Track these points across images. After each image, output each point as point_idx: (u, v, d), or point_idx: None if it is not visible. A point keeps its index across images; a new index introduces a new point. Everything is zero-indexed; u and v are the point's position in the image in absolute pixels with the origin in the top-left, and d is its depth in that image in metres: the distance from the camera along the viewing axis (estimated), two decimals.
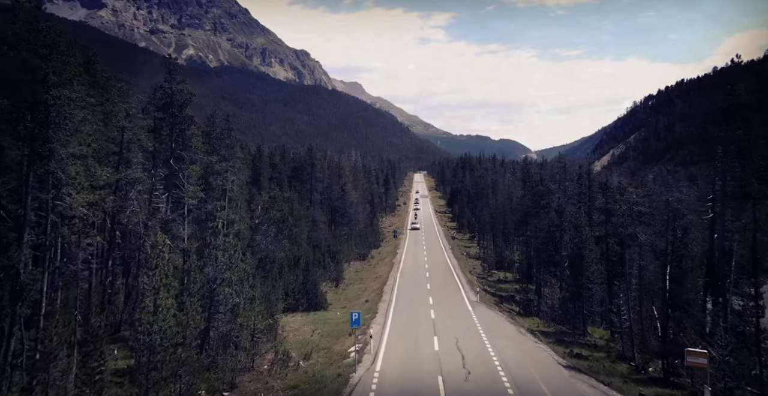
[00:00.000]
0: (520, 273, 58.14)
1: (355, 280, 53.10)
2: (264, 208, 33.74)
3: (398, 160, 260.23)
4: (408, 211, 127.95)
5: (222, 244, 25.30)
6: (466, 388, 19.40)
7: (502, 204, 73.27)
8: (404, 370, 22.11)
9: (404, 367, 22.42)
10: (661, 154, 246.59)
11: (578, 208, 45.64)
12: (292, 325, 33.96)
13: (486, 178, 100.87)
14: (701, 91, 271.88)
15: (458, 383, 19.89)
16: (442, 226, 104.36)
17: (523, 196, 61.37)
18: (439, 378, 20.37)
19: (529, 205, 53.45)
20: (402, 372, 21.81)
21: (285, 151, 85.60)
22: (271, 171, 72.51)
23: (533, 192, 51.21)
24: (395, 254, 65.99)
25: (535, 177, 52.62)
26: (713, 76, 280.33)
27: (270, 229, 32.04)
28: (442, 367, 22.02)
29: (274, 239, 31.59)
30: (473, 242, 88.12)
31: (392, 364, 22.87)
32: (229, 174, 33.15)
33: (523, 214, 55.21)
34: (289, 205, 57.40)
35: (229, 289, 24.71)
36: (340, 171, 78.74)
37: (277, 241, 32.04)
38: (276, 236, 31.64)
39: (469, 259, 69.25)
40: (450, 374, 20.89)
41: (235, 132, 35.50)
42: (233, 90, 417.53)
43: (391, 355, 24.60)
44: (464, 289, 43.72)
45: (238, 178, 35.98)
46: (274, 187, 67.69)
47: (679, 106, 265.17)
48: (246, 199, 46.20)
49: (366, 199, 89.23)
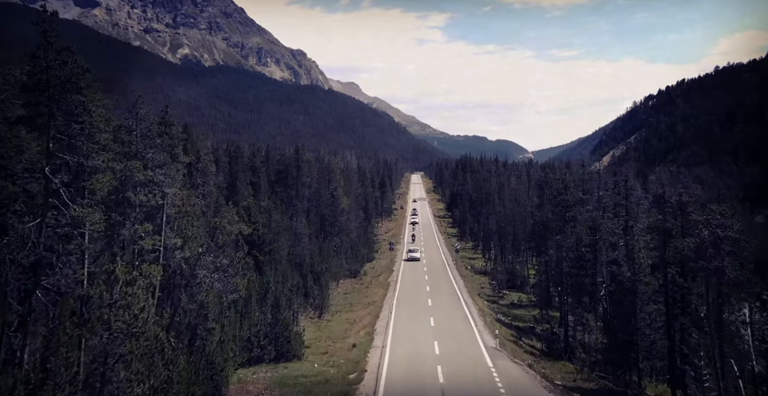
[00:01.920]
0: (537, 295, 49.02)
1: (343, 307, 43.78)
2: (211, 232, 24.44)
3: (395, 161, 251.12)
4: (405, 216, 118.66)
5: (122, 298, 16.12)
6: None
7: (511, 213, 64.08)
8: None
9: None
10: (663, 154, 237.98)
11: (618, 225, 36.51)
12: (251, 389, 24.74)
13: (490, 182, 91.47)
14: (703, 90, 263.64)
15: None
16: (442, 233, 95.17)
17: (540, 204, 52.20)
18: None
19: (550, 217, 44.31)
20: None
21: (270, 152, 75.85)
22: (251, 175, 63.08)
23: (556, 202, 42.01)
24: (391, 271, 56.74)
25: (557, 183, 43.36)
26: (714, 75, 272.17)
27: (219, 262, 22.92)
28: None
29: (223, 275, 22.51)
30: (477, 252, 79.00)
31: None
32: (164, 186, 23.89)
33: (542, 227, 45.97)
34: (267, 216, 48.14)
35: (127, 372, 15.53)
36: (330, 175, 69.36)
37: (226, 278, 22.79)
38: (226, 271, 22.53)
39: (475, 275, 60.09)
40: None
41: (176, 128, 26.26)
42: (228, 90, 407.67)
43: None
44: (477, 327, 34.45)
45: (180, 189, 26.69)
46: (253, 194, 58.32)
47: (680, 106, 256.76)
48: (204, 212, 36.97)
49: (359, 205, 79.83)
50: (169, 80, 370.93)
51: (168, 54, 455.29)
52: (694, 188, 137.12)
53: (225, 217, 40.06)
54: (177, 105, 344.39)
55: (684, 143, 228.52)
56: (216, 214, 40.02)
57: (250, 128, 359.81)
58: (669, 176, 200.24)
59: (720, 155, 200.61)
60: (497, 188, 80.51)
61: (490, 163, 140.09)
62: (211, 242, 23.37)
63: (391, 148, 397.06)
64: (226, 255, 23.60)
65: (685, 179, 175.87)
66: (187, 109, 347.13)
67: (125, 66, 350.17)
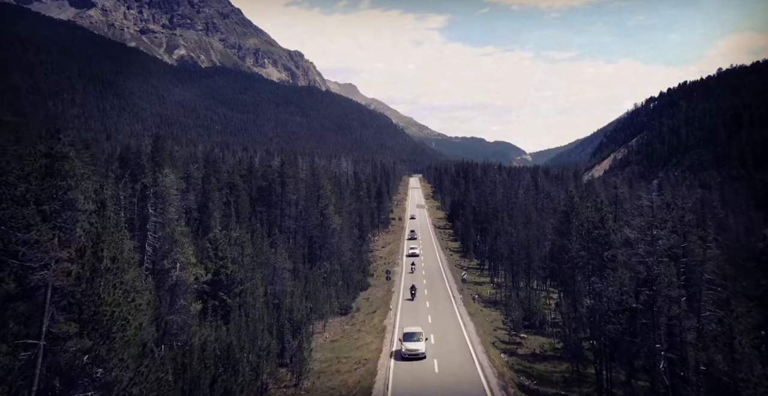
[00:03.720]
0: (562, 340, 40.56)
1: (327, 366, 35.12)
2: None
3: (393, 164, 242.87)
4: (403, 227, 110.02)
5: None
6: None
7: (525, 236, 55.50)
8: None
9: None
10: (666, 158, 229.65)
11: (674, 271, 28.03)
12: None
13: (495, 194, 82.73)
14: (706, 93, 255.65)
15: None
16: (443, 249, 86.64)
17: (562, 232, 43.71)
18: None
19: (581, 254, 35.88)
20: None
21: (253, 165, 66.74)
22: (229, 192, 54.47)
23: (590, 237, 33.52)
24: (387, 308, 48.13)
25: (589, 213, 34.81)
26: (717, 77, 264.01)
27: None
28: None
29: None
30: (483, 274, 70.59)
31: None
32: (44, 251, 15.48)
33: (570, 265, 37.50)
34: (239, 250, 39.63)
35: None
36: (320, 191, 60.77)
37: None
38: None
39: (485, 310, 51.59)
40: None
41: (74, 161, 17.71)
42: (225, 91, 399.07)
43: None
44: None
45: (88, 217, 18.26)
46: (228, 214, 49.75)
47: (683, 109, 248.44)
48: (151, 256, 28.60)
49: (353, 222, 71.23)
50: (164, 81, 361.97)
51: (164, 55, 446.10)
52: (701, 194, 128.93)
53: (178, 260, 31.49)
54: (172, 106, 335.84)
55: (688, 147, 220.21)
56: (166, 256, 31.52)
57: (246, 130, 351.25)
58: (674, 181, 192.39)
59: (726, 160, 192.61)
60: (505, 203, 71.71)
61: (494, 172, 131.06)
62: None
63: (389, 150, 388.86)
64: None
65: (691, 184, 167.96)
66: (182, 111, 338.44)
67: (120, 67, 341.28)
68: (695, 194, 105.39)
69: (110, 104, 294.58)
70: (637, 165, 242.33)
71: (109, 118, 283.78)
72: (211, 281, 36.53)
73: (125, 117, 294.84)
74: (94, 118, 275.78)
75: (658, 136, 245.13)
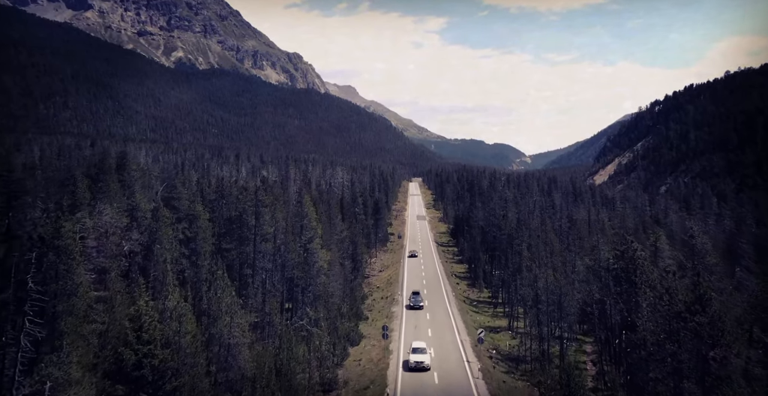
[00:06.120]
0: None
1: None
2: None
3: (392, 169, 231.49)
4: (404, 245, 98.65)
5: None
6: None
7: (555, 280, 44.01)
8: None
9: None
10: (674, 164, 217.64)
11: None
12: None
13: (507, 216, 70.99)
14: (713, 96, 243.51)
15: None
16: (448, 275, 75.26)
17: (613, 289, 32.32)
18: None
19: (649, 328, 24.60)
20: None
21: (224, 188, 54.58)
22: (188, 227, 42.98)
23: (684, 325, 22.16)
24: (385, 383, 36.69)
25: (668, 281, 23.45)
26: (725, 80, 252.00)
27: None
28: None
29: None
30: (497, 312, 59.23)
31: None
32: None
33: (644, 355, 26.14)
34: (176, 325, 28.21)
35: None
36: (304, 221, 49.30)
37: None
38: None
39: (505, 375, 40.13)
40: None
41: None
42: (222, 93, 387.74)
43: None
44: None
45: None
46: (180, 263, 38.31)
47: (691, 113, 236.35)
48: None
49: (345, 253, 59.66)
50: (160, 84, 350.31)
51: (162, 57, 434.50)
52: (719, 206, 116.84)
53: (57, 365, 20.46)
54: (168, 109, 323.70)
55: (698, 152, 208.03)
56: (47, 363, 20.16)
57: (243, 133, 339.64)
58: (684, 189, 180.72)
59: (740, 166, 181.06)
60: (520, 229, 59.93)
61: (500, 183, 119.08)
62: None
63: (388, 153, 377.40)
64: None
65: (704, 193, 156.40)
66: (178, 114, 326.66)
67: (116, 70, 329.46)
68: (726, 215, 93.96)
69: (104, 107, 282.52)
70: (644, 171, 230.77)
71: (102, 122, 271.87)
72: (129, 378, 25.19)
73: (119, 120, 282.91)
74: (86, 122, 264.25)
75: (665, 141, 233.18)
